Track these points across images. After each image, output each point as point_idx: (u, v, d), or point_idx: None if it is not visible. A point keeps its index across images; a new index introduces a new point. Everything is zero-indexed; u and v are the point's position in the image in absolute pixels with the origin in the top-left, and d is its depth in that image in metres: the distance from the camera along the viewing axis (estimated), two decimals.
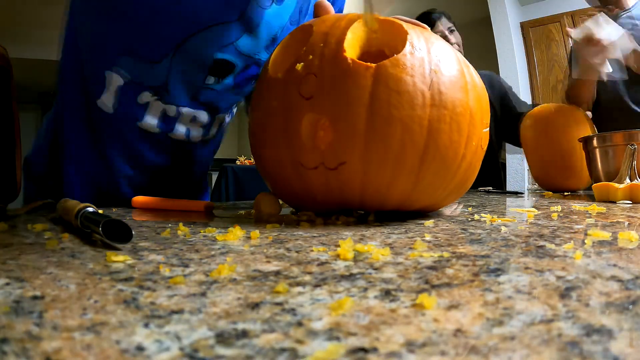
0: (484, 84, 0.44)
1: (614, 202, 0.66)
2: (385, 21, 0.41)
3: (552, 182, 1.09)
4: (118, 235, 0.27)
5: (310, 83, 0.38)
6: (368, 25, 0.41)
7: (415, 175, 0.38)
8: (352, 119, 0.36)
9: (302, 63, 0.39)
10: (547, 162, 1.07)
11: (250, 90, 0.57)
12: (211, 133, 0.59)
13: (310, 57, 0.39)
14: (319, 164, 0.38)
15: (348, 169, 0.38)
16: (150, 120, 0.52)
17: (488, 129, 0.44)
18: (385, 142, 0.36)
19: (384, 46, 0.42)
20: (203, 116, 0.55)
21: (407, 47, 0.38)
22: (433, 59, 0.38)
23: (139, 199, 0.56)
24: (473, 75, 0.42)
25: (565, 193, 0.99)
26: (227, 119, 0.63)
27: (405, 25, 0.41)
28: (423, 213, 0.47)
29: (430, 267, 0.21)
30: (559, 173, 1.06)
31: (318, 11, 0.46)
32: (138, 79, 0.49)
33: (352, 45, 0.40)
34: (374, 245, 0.27)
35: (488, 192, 1.08)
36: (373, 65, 0.37)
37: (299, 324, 0.14)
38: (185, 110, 0.53)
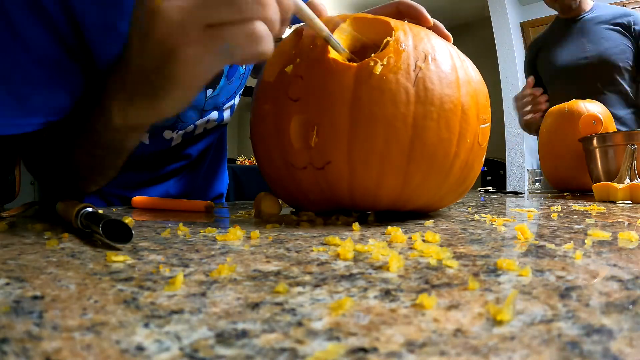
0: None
1: (614, 202, 0.66)
2: (373, 19, 0.41)
3: (568, 181, 1.03)
4: (118, 235, 0.27)
5: (297, 85, 0.39)
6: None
7: (404, 174, 0.38)
8: (336, 119, 0.37)
9: (291, 66, 0.40)
10: (566, 160, 1.01)
11: (241, 72, 0.62)
12: (225, 118, 0.65)
13: (298, 60, 0.40)
14: (307, 164, 0.39)
15: (334, 168, 0.38)
16: (177, 139, 0.59)
17: (488, 124, 0.43)
18: (369, 141, 0.37)
19: (374, 44, 0.42)
20: (214, 115, 0.61)
21: (392, 44, 0.38)
22: (420, 55, 0.38)
23: (139, 199, 0.56)
24: (468, 70, 0.41)
25: (566, 193, 0.99)
26: (236, 99, 0.67)
27: (393, 22, 0.40)
28: (423, 213, 0.47)
29: (430, 267, 0.21)
30: (578, 171, 1.00)
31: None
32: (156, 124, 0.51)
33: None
34: (374, 245, 0.27)
35: (488, 192, 1.08)
36: (355, 64, 0.37)
37: (299, 324, 0.14)
38: (199, 122, 0.58)
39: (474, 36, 3.78)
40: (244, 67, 0.62)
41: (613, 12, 1.28)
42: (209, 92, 0.57)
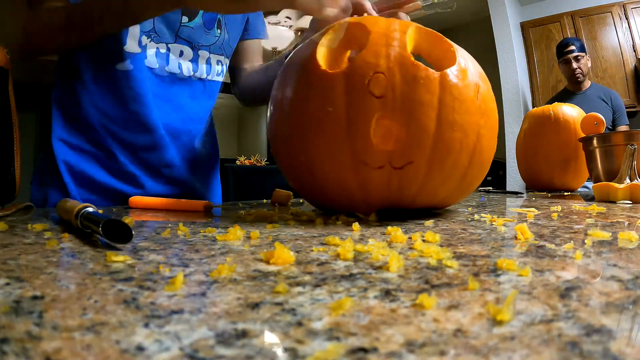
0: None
1: (614, 202, 0.66)
2: (438, 36, 0.44)
3: (546, 181, 1.09)
4: (118, 235, 0.27)
5: (381, 82, 0.37)
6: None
7: (462, 176, 0.41)
8: (425, 122, 0.38)
9: (364, 60, 0.38)
10: (545, 160, 1.08)
11: (217, 35, 0.70)
12: (200, 69, 0.70)
13: (375, 56, 0.38)
14: (385, 163, 0.38)
15: (414, 168, 0.39)
16: (150, 58, 0.64)
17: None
18: (449, 145, 0.39)
19: (426, 55, 0.45)
20: (187, 50, 0.67)
21: (460, 60, 0.41)
22: (474, 72, 0.42)
23: (137, 199, 0.56)
24: (485, 79, 0.44)
25: (566, 193, 0.99)
26: (211, 69, 0.72)
27: (452, 43, 0.43)
28: (423, 213, 0.47)
29: (430, 267, 0.21)
30: (560, 172, 1.06)
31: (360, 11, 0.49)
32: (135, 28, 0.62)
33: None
34: (374, 245, 0.27)
35: (488, 192, 1.08)
36: (438, 72, 0.39)
37: (299, 324, 0.14)
38: (172, 45, 0.65)
39: (474, 36, 3.78)
40: (219, 31, 0.69)
41: (603, 90, 2.11)
42: (184, 19, 0.65)
